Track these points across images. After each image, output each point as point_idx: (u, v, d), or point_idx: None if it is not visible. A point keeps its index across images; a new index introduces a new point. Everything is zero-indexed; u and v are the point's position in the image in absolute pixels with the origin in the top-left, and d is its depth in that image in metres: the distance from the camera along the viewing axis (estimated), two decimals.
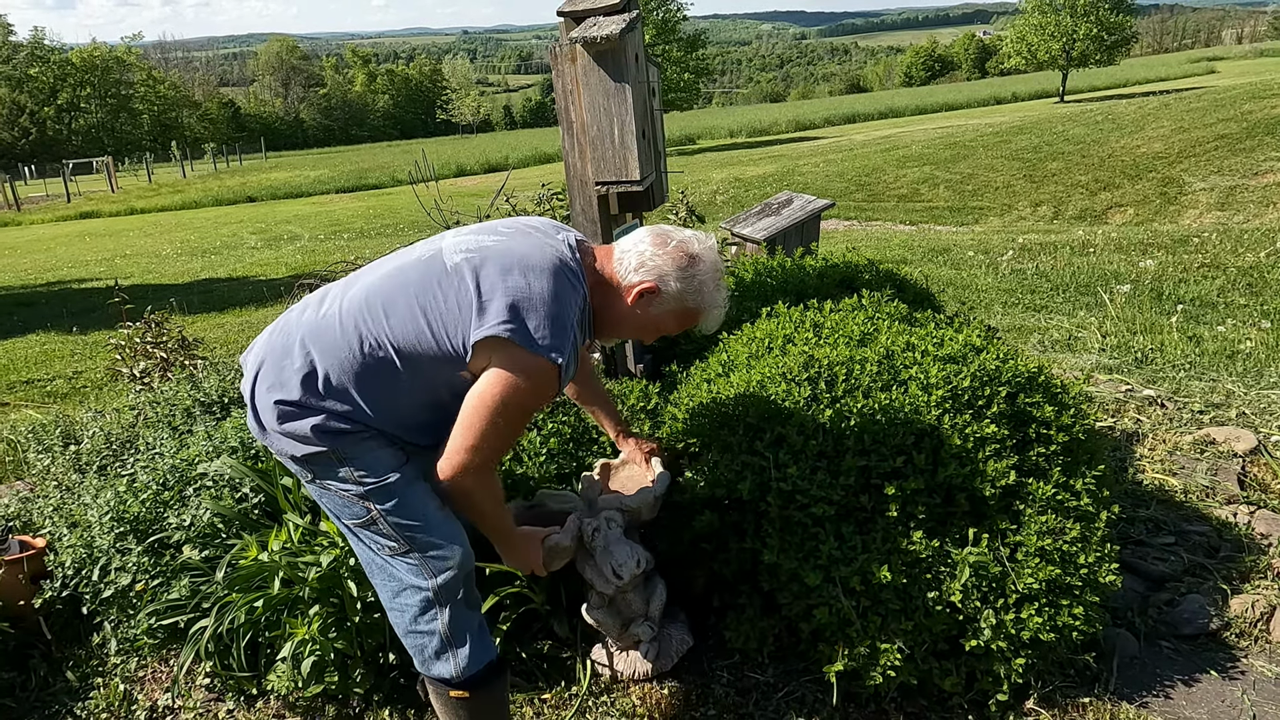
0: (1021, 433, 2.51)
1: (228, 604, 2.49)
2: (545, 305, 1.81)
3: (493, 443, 1.84)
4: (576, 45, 2.80)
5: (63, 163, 41.15)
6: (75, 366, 7.41)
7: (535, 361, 1.79)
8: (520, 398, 1.82)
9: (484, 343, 1.80)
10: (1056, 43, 42.10)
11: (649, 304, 1.99)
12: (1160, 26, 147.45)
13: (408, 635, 2.02)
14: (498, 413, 1.81)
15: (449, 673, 2.00)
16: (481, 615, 2.07)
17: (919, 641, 2.27)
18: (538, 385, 1.82)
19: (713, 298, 2.00)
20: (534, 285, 1.82)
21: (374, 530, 1.94)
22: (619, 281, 1.99)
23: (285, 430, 1.86)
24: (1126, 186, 15.98)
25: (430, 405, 1.92)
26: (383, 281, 1.92)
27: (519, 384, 1.80)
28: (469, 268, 1.86)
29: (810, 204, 5.58)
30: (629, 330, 2.07)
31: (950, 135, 23.80)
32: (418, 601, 1.97)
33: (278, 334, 1.95)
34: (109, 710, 2.64)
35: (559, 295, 1.83)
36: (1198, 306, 6.61)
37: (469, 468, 1.84)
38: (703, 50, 44.41)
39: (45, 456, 3.86)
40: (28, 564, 2.91)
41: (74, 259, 17.18)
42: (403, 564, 1.96)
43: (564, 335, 1.81)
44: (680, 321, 2.05)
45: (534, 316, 1.80)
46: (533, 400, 1.85)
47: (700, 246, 2.01)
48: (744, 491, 2.39)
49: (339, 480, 1.90)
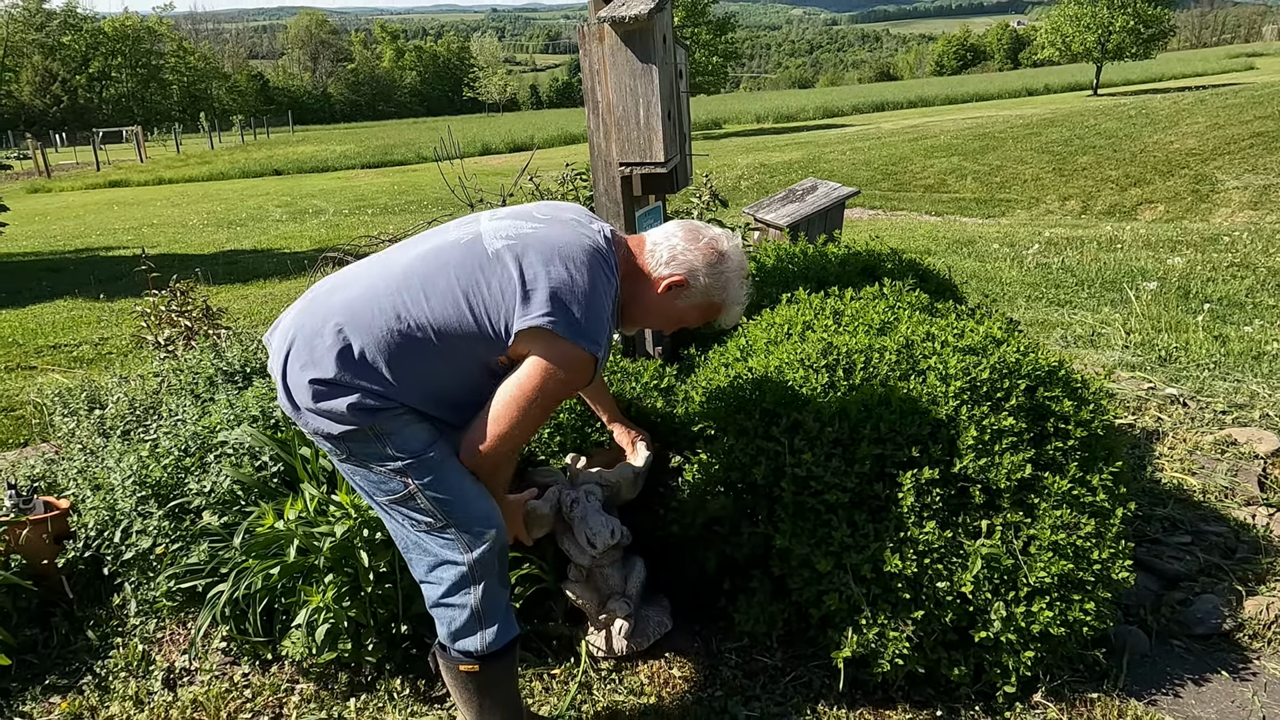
0: (1039, 427, 2.50)
1: (245, 570, 2.53)
2: (585, 297, 1.87)
3: (523, 431, 1.92)
4: (605, 24, 2.79)
5: (93, 131, 41.53)
6: (101, 333, 7.50)
7: (575, 352, 1.86)
8: (556, 387, 1.89)
9: (527, 332, 1.85)
10: (1092, 34, 41.46)
11: (676, 296, 2.07)
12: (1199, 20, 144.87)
13: (437, 607, 2.03)
14: (534, 402, 1.88)
15: (475, 647, 2.02)
16: (509, 592, 2.09)
17: (928, 631, 2.28)
18: (574, 375, 1.89)
19: (736, 294, 2.10)
20: (575, 277, 1.87)
21: (410, 506, 1.94)
22: (649, 272, 2.07)
23: (320, 409, 1.87)
24: (1158, 183, 15.75)
25: (463, 384, 1.95)
26: (420, 262, 1.94)
27: (557, 374, 1.87)
28: (510, 255, 1.90)
29: (835, 191, 5.55)
30: (654, 320, 2.16)
31: (980, 126, 23.53)
32: (453, 575, 1.98)
33: (305, 313, 1.95)
34: (127, 669, 2.69)
35: (597, 287, 1.90)
36: (1225, 306, 6.52)
37: (497, 455, 1.93)
38: (732, 34, 44.07)
39: (70, 420, 3.92)
40: (52, 524, 2.97)
41: (102, 227, 17.37)
42: (439, 539, 1.97)
43: (602, 327, 1.89)
44: (703, 315, 2.14)
45: (576, 308, 1.86)
46: (566, 390, 1.93)
47: (729, 244, 2.11)
48: (758, 476, 2.40)
49: (376, 458, 1.91)
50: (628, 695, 2.46)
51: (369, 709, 2.46)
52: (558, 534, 2.50)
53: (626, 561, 2.57)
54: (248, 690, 2.57)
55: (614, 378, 2.90)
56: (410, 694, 2.49)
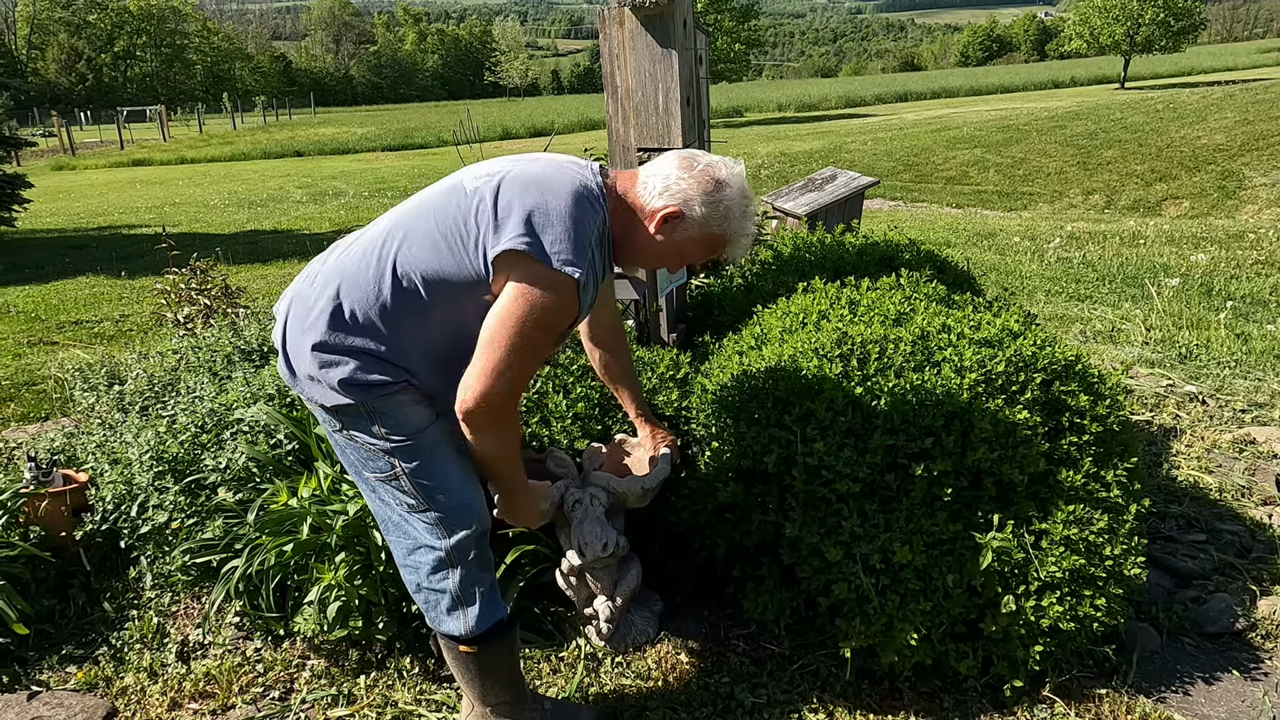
0: (1054, 421, 2.48)
1: (258, 546, 2.56)
2: (562, 220, 1.79)
3: (516, 365, 1.79)
4: (625, 8, 2.78)
5: (117, 110, 41.79)
6: (122, 310, 7.57)
7: (553, 275, 1.77)
8: (540, 314, 1.78)
9: (501, 258, 1.78)
10: (1121, 26, 40.91)
11: (673, 230, 1.94)
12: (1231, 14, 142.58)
13: (419, 591, 2.05)
14: (518, 331, 1.78)
15: (458, 630, 2.03)
16: (493, 576, 2.09)
17: (936, 623, 2.27)
18: (557, 301, 1.79)
19: (740, 225, 1.95)
20: (551, 201, 1.80)
21: (395, 486, 1.95)
22: (642, 205, 1.94)
23: (315, 377, 1.87)
24: (1184, 178, 15.55)
25: (460, 336, 1.89)
26: (402, 214, 1.93)
27: (538, 299, 1.78)
28: (488, 189, 1.85)
29: (854, 181, 5.51)
30: (652, 257, 2.01)
31: (1004, 118, 23.29)
32: (431, 560, 1.99)
33: (304, 280, 1.97)
34: (142, 641, 2.73)
35: (577, 214, 1.81)
36: (1248, 304, 6.44)
37: (492, 395, 1.79)
38: (755, 21, 43.83)
39: (90, 395, 3.97)
40: (70, 497, 3.00)
41: (125, 205, 17.50)
42: (420, 522, 1.97)
43: (582, 251, 1.79)
44: (706, 248, 1.99)
45: (550, 231, 1.78)
46: (554, 318, 1.81)
47: (727, 172, 1.95)
48: (770, 464, 2.40)
49: (366, 434, 1.91)
50: (635, 679, 2.47)
51: (379, 686, 2.48)
52: (557, 526, 2.51)
53: (621, 566, 2.57)
54: (259, 665, 2.60)
55: None
56: (419, 672, 2.52)
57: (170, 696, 2.49)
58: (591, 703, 2.40)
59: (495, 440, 1.90)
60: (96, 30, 67.07)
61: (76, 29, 66.50)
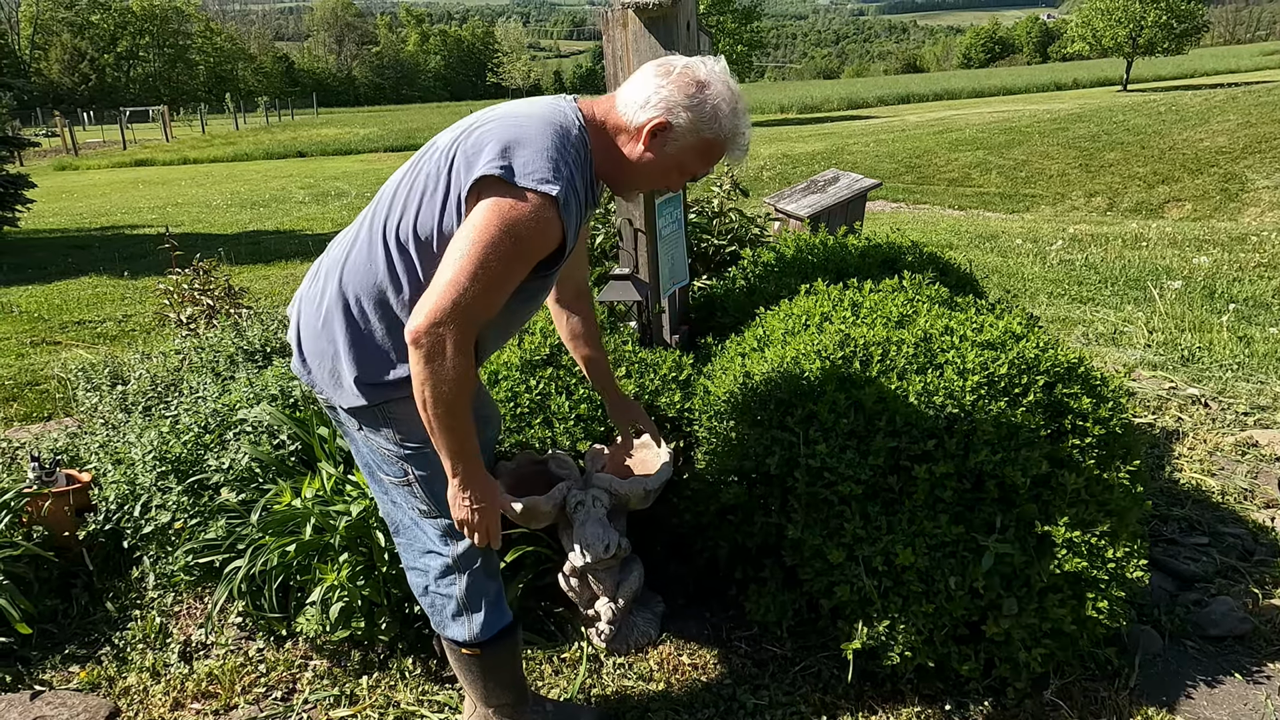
0: (1057, 423, 2.48)
1: (261, 546, 2.56)
2: (535, 142, 1.69)
3: (478, 287, 1.62)
4: (628, 10, 2.78)
5: (120, 110, 41.87)
6: (125, 310, 7.58)
7: (529, 196, 1.65)
8: (513, 230, 1.64)
9: (475, 186, 1.67)
10: (1123, 28, 40.87)
11: (664, 143, 1.81)
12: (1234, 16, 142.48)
13: (425, 595, 2.05)
14: (485, 248, 1.62)
15: (462, 635, 2.03)
16: (500, 583, 2.09)
17: (939, 625, 2.27)
18: (533, 218, 1.65)
19: (732, 124, 1.81)
20: (524, 131, 1.71)
21: (409, 491, 1.94)
22: (626, 124, 1.81)
23: (334, 374, 1.85)
24: (1186, 180, 15.54)
25: None
26: (389, 188, 1.88)
27: (509, 213, 1.64)
28: (463, 136, 1.77)
29: (857, 183, 5.52)
30: (649, 177, 1.88)
31: (1006, 120, 23.29)
32: (438, 565, 1.99)
33: (311, 278, 1.97)
34: (145, 641, 2.73)
35: (553, 137, 1.71)
36: (1251, 307, 6.44)
37: (445, 314, 1.61)
38: (757, 23, 43.86)
39: (93, 395, 3.98)
40: (73, 497, 3.01)
41: (127, 205, 17.52)
42: (430, 527, 1.97)
43: (558, 169, 1.68)
44: (703, 157, 1.86)
45: (522, 154, 1.67)
46: (528, 242, 1.67)
47: (708, 70, 1.81)
48: (772, 466, 2.40)
49: (381, 438, 1.89)
50: (637, 680, 2.47)
51: (381, 687, 2.49)
52: (559, 527, 2.51)
53: (623, 567, 2.58)
54: (262, 665, 2.60)
55: (633, 369, 2.90)
56: (421, 673, 2.52)
57: (173, 696, 2.50)
58: (593, 704, 2.40)
59: (442, 380, 1.65)
60: (99, 30, 67.17)
61: (79, 29, 66.60)
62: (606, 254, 3.89)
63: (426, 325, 1.62)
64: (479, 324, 1.68)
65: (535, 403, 2.76)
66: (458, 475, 1.79)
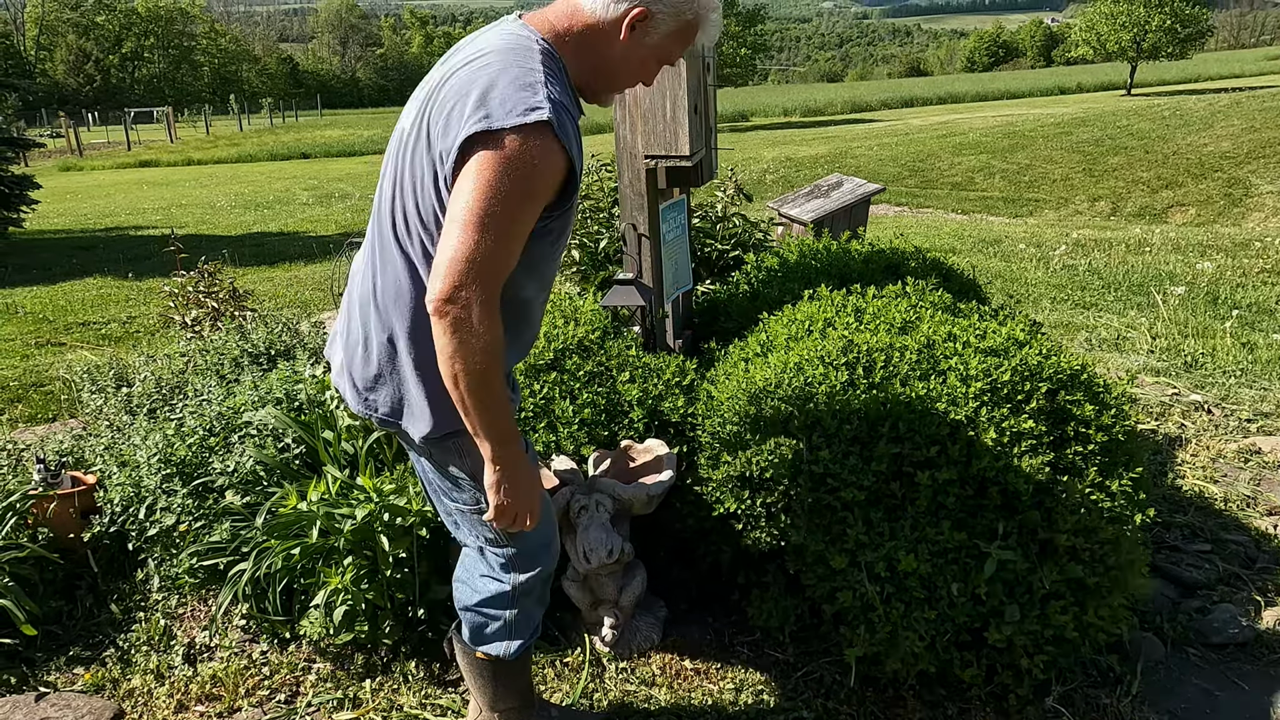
0: (1060, 430, 2.49)
1: (266, 549, 2.57)
2: (504, 77, 1.56)
3: (490, 240, 1.51)
4: None
5: (124, 111, 41.97)
6: (129, 311, 7.60)
7: (518, 132, 1.51)
8: (516, 174, 1.51)
9: (460, 152, 1.54)
10: (1127, 33, 40.86)
11: (644, 34, 1.70)
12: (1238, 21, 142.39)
13: (470, 611, 2.02)
14: (490, 197, 1.50)
15: (499, 653, 2.04)
16: (544, 608, 2.09)
17: (941, 631, 2.28)
18: (531, 158, 1.52)
19: (705, 1, 1.72)
20: (487, 70, 1.59)
21: (478, 519, 1.86)
22: (598, 22, 1.69)
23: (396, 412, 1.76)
24: (1190, 185, 15.53)
25: None
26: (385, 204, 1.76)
27: (506, 159, 1.51)
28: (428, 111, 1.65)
29: (860, 188, 5.52)
30: (631, 73, 1.77)
31: (1010, 124, 23.28)
32: (493, 590, 1.98)
33: (344, 318, 1.87)
34: (149, 643, 2.74)
35: (521, 65, 1.59)
36: (1254, 313, 6.44)
37: (463, 275, 1.50)
38: (761, 26, 43.87)
39: (98, 397, 3.99)
40: (79, 499, 3.02)
41: (131, 206, 17.56)
42: (494, 556, 1.95)
43: (540, 95, 1.54)
44: (682, 40, 1.76)
45: (495, 95, 1.54)
46: (532, 180, 1.53)
47: None
48: (775, 472, 2.40)
49: (456, 469, 1.82)
50: (639, 685, 2.48)
51: (384, 690, 2.49)
52: (562, 532, 2.52)
53: (627, 572, 2.59)
54: (266, 668, 2.61)
55: (636, 374, 2.91)
56: (425, 677, 2.53)
57: (177, 699, 2.51)
58: (595, 708, 2.41)
59: (472, 351, 1.53)
60: (104, 31, 67.40)
61: (85, 30, 66.80)
62: (610, 259, 3.90)
63: (447, 291, 1.50)
64: (501, 281, 1.56)
65: (539, 407, 2.77)
66: (497, 460, 1.66)
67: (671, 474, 2.50)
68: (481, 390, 1.57)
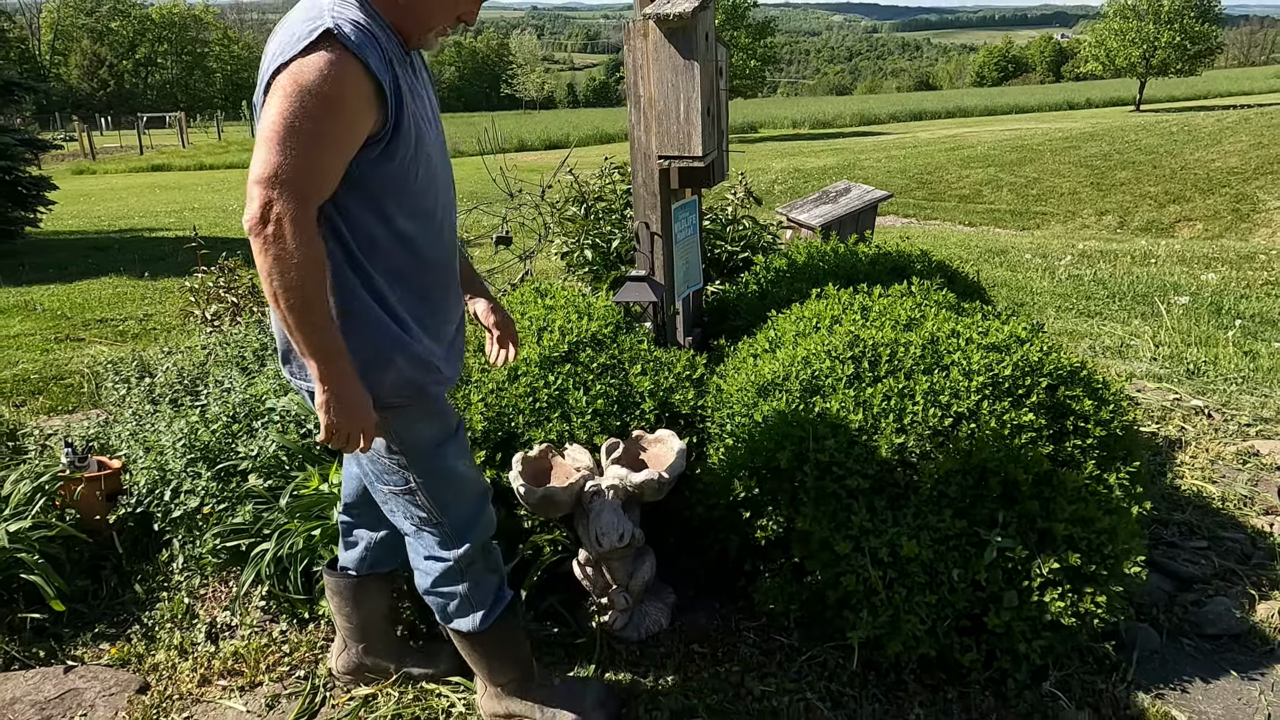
0: (1059, 424, 2.56)
1: (287, 531, 2.66)
2: (296, 17, 1.62)
3: (294, 152, 1.53)
4: (649, 21, 2.89)
5: (137, 116, 42.33)
6: (146, 309, 7.71)
7: (307, 53, 1.55)
8: (313, 88, 1.53)
9: (267, 90, 1.59)
10: (1137, 49, 41.01)
11: None
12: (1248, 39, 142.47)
13: (430, 595, 2.11)
14: (289, 112, 1.53)
15: (467, 627, 2.11)
16: (500, 572, 2.16)
17: (941, 616, 2.35)
18: (326, 69, 1.54)
19: None
20: (286, 20, 1.66)
21: (409, 500, 1.98)
22: None
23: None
24: (1197, 200, 15.60)
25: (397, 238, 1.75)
26: None
27: (300, 77, 1.54)
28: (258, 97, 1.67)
29: (868, 194, 5.61)
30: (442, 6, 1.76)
31: (1018, 138, 23.38)
32: (441, 569, 2.05)
33: None
34: (172, 622, 2.82)
35: (305, 8, 1.63)
36: (1257, 323, 6.50)
37: (267, 183, 1.53)
38: (771, 38, 44.07)
39: (122, 387, 4.09)
40: (105, 482, 3.11)
41: (145, 209, 17.73)
42: (429, 535, 2.03)
43: (322, 16, 1.58)
44: None
45: (289, 35, 1.59)
46: (332, 94, 1.55)
47: None
48: (783, 461, 2.48)
49: (378, 448, 1.91)
50: (648, 667, 2.55)
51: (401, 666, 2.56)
52: (575, 517, 2.60)
53: (637, 558, 2.65)
54: (285, 645, 2.69)
55: (648, 367, 2.99)
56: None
57: (200, 673, 2.58)
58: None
59: (287, 266, 1.56)
60: (119, 37, 68.06)
61: (99, 35, 67.44)
62: (623, 258, 3.99)
63: (257, 211, 1.54)
64: (313, 198, 1.59)
65: (554, 397, 2.85)
66: (324, 379, 1.67)
67: (681, 463, 2.57)
68: (301, 308, 1.59)
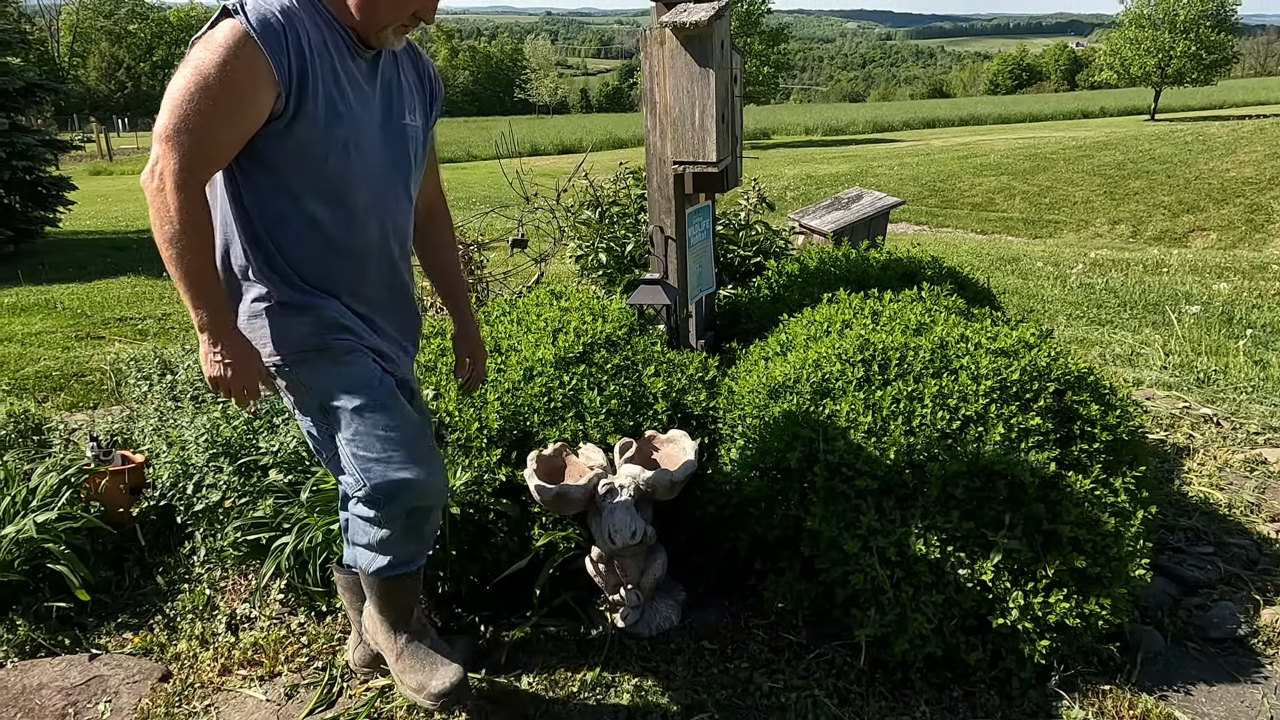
0: (1066, 428, 2.60)
1: (307, 525, 2.72)
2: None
3: (183, 124, 1.66)
4: (666, 29, 2.94)
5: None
6: (164, 309, 7.81)
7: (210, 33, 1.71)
8: (209, 61, 1.67)
9: None
10: (1152, 58, 40.83)
11: None
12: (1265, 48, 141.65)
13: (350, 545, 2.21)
14: (184, 83, 1.67)
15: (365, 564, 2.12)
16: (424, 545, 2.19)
17: (948, 615, 2.39)
18: (222, 47, 1.67)
19: None
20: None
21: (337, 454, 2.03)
22: None
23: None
24: (1211, 210, 15.56)
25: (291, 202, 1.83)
26: None
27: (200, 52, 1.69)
28: None
29: (880, 201, 5.65)
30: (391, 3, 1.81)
31: (1032, 146, 23.36)
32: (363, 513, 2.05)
33: None
34: (193, 613, 2.89)
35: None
36: (1269, 333, 6.51)
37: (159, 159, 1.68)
38: (784, 45, 44.13)
39: (144, 383, 4.16)
40: (129, 476, 3.19)
41: None
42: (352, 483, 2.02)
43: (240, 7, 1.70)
44: None
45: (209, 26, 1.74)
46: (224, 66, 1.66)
47: None
48: (793, 461, 2.53)
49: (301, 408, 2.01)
50: (658, 663, 2.59)
51: None
52: (588, 514, 2.65)
53: (649, 555, 2.70)
54: (304, 637, 2.75)
55: (661, 369, 3.04)
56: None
57: (220, 663, 2.64)
58: (615, 684, 2.52)
59: (165, 219, 1.69)
60: (137, 39, 68.69)
61: (117, 38, 68.09)
62: (636, 261, 4.04)
63: (148, 168, 1.69)
64: (199, 163, 1.69)
65: (568, 397, 2.90)
66: (204, 328, 1.77)
67: (693, 463, 2.62)
68: (178, 259, 1.71)
